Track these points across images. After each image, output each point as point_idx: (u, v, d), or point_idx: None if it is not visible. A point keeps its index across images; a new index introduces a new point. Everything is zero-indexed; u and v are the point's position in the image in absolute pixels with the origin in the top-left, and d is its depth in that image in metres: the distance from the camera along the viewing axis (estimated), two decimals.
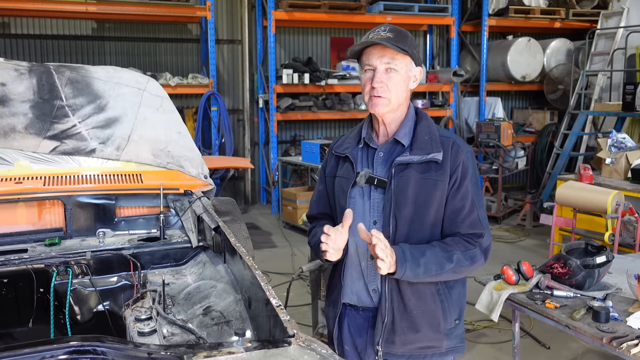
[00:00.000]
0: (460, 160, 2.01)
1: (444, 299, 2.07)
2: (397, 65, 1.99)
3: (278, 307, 1.59)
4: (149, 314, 2.19)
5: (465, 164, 2.02)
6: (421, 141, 2.02)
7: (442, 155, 2.00)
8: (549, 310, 2.92)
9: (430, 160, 2.00)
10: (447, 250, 1.97)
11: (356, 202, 2.07)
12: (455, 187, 2.00)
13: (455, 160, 2.01)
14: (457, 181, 2.00)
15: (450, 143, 2.03)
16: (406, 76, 2.03)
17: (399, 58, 1.99)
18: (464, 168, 2.01)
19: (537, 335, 4.62)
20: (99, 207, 2.90)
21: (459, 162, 2.01)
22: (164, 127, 3.23)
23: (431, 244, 1.99)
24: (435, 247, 1.98)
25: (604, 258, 3.18)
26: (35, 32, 8.61)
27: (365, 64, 2.03)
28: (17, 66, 3.12)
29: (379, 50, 1.99)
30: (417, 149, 2.01)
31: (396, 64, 1.99)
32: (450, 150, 2.02)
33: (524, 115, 10.90)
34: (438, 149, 2.00)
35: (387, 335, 2.05)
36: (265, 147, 9.66)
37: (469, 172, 2.02)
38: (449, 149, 2.02)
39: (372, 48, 2.01)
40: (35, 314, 2.54)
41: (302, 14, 8.85)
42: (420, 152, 2.00)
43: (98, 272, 2.60)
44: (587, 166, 5.93)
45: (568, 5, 10.09)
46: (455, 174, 2.00)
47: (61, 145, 3.03)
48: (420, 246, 1.97)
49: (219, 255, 2.55)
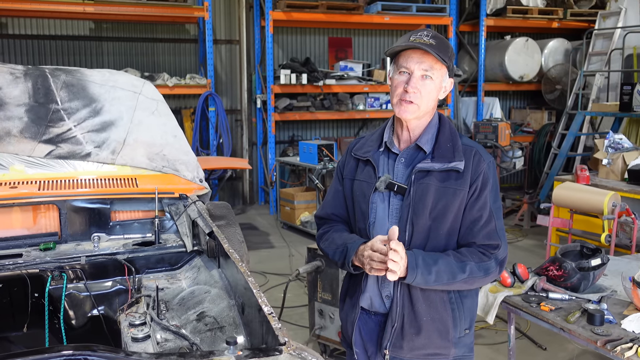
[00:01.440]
0: (481, 170, 2.00)
1: (456, 308, 2.06)
2: (434, 73, 1.96)
3: (270, 315, 1.59)
4: (143, 319, 2.19)
5: (486, 175, 2.00)
6: (443, 149, 2.01)
7: (463, 164, 1.98)
8: (544, 312, 2.93)
9: (451, 169, 1.98)
10: (461, 260, 1.96)
11: (377, 207, 2.06)
12: (474, 197, 1.99)
13: (476, 170, 1.99)
14: (476, 191, 1.99)
15: (472, 152, 2.02)
16: (439, 86, 2.01)
17: (437, 67, 1.96)
18: (484, 178, 1.99)
19: (534, 336, 4.63)
20: (94, 212, 2.89)
21: (480, 172, 1.99)
22: (159, 130, 3.22)
23: (446, 253, 1.98)
24: (450, 256, 1.96)
25: (599, 261, 3.19)
26: (32, 33, 8.61)
27: (402, 66, 1.99)
28: (12, 70, 3.11)
29: (419, 55, 1.96)
30: (438, 157, 2.00)
31: (433, 73, 1.96)
32: (472, 159, 2.00)
33: (521, 115, 10.90)
34: (460, 158, 1.99)
35: (395, 340, 2.05)
36: (263, 148, 9.66)
37: (489, 183, 2.01)
38: (470, 159, 2.00)
39: (412, 52, 1.97)
40: (30, 319, 2.54)
41: (300, 14, 8.85)
42: (442, 160, 1.99)
43: (93, 276, 2.60)
44: (584, 167, 5.94)
45: (566, 5, 10.09)
46: (475, 184, 1.98)
47: (56, 149, 3.03)
48: (434, 254, 1.96)
49: (213, 260, 2.55)
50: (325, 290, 4.54)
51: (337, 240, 2.13)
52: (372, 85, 9.39)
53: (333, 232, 2.20)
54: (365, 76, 9.55)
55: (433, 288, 1.98)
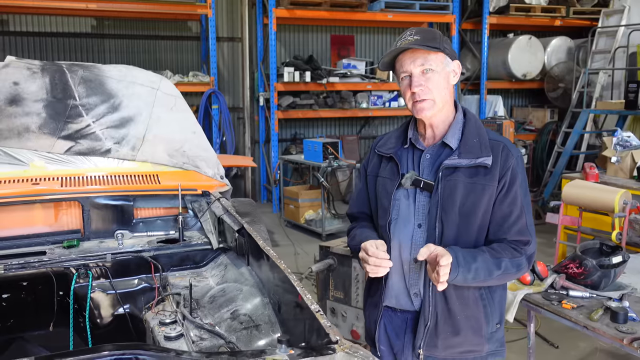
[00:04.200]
0: (510, 165, 1.96)
1: (487, 304, 2.05)
2: (432, 64, 1.94)
3: (318, 313, 1.57)
4: (173, 317, 2.16)
5: (515, 169, 1.97)
6: (470, 144, 1.98)
7: (491, 159, 1.95)
8: (566, 310, 2.91)
9: (479, 164, 1.95)
10: (495, 256, 1.93)
11: (401, 204, 2.03)
12: (503, 193, 1.96)
13: (504, 165, 1.96)
14: (505, 186, 1.96)
15: (500, 147, 1.99)
16: (444, 73, 1.98)
17: (432, 57, 1.94)
18: (513, 173, 1.96)
19: (545, 335, 4.62)
20: (117, 208, 2.85)
21: (509, 167, 1.96)
22: (178, 126, 3.19)
23: (480, 249, 1.96)
24: (485, 252, 1.94)
25: (620, 258, 3.18)
26: (34, 30, 8.53)
27: (401, 72, 1.99)
28: (29, 65, 3.08)
29: (409, 54, 1.95)
30: (465, 153, 1.97)
31: (431, 64, 1.94)
32: (500, 154, 1.97)
33: (523, 113, 10.91)
34: (487, 153, 1.96)
35: (429, 339, 2.02)
36: (266, 145, 9.63)
37: (518, 178, 1.98)
38: (498, 154, 1.97)
39: (403, 55, 1.96)
40: (55, 318, 2.51)
41: (303, 12, 8.81)
42: (469, 156, 1.96)
43: (118, 274, 2.57)
44: (592, 165, 5.93)
45: (568, 3, 10.09)
46: (504, 179, 1.96)
47: (76, 145, 2.99)
48: (472, 250, 1.94)
49: (241, 257, 2.52)
50: (337, 289, 4.52)
51: (357, 238, 2.12)
52: (375, 83, 9.36)
53: (357, 229, 2.19)
54: (369, 74, 9.53)
55: (467, 285, 1.96)
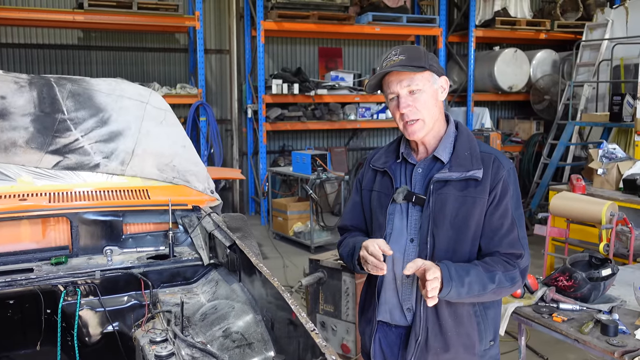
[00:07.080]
0: (501, 177, 1.96)
1: (481, 321, 2.04)
2: (418, 84, 1.94)
3: (313, 332, 1.55)
4: (164, 335, 2.12)
5: (506, 182, 1.97)
6: (461, 157, 1.98)
7: (482, 172, 1.95)
8: (556, 324, 2.92)
9: (469, 177, 1.95)
10: (489, 270, 1.92)
11: (395, 219, 2.03)
12: (494, 205, 1.96)
13: (495, 178, 1.96)
14: (495, 198, 1.96)
15: (491, 159, 1.99)
16: (432, 91, 1.98)
17: (417, 77, 1.94)
18: (504, 185, 1.96)
19: (535, 347, 4.63)
20: (106, 224, 2.81)
21: (500, 179, 1.96)
22: (168, 140, 3.16)
23: (473, 263, 1.95)
24: (478, 266, 1.93)
25: (609, 271, 3.19)
26: (20, 41, 8.48)
27: (388, 93, 1.99)
28: (16, 78, 3.03)
29: (395, 76, 1.95)
30: (456, 166, 1.97)
31: (417, 84, 1.94)
32: (491, 166, 1.97)
33: (510, 125, 11.01)
34: (478, 166, 1.96)
35: (420, 354, 2.02)
36: (254, 158, 9.61)
37: (509, 190, 1.98)
38: (489, 166, 1.97)
39: (389, 76, 1.97)
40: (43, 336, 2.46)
41: (291, 24, 8.84)
42: (460, 169, 1.96)
43: (107, 291, 2.52)
44: (579, 177, 5.98)
45: (553, 17, 10.24)
46: (495, 191, 1.95)
47: (64, 160, 2.95)
48: (464, 265, 1.93)
49: (232, 273, 2.49)
50: (327, 302, 4.50)
51: (350, 243, 2.13)
52: (363, 95, 9.40)
53: (349, 237, 2.20)
54: (356, 86, 9.57)
55: (461, 301, 1.96)
